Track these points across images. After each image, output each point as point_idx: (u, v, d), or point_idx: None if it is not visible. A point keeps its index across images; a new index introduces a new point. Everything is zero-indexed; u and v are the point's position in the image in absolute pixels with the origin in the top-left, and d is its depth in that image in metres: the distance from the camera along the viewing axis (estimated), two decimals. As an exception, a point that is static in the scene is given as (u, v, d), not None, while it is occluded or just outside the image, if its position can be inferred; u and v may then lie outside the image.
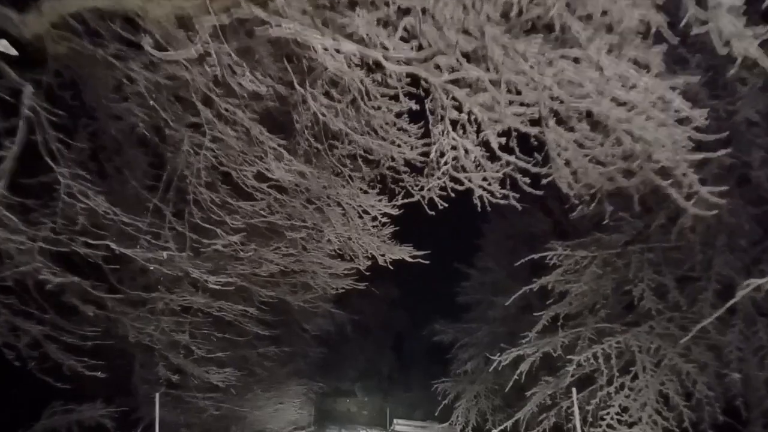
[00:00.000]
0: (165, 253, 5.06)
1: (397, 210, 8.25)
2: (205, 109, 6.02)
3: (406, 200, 8.28)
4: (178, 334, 9.16)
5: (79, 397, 8.41)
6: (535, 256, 9.76)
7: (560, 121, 5.33)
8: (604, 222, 7.21)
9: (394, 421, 30.55)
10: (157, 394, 8.68)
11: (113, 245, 4.79)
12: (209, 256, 7.47)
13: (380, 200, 8.46)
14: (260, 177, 7.36)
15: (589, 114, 4.97)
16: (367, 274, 11.20)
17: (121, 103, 6.86)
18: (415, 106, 6.78)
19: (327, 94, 6.39)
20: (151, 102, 6.34)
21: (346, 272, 11.13)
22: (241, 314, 9.98)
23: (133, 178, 7.28)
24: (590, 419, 8.94)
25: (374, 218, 8.95)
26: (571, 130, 5.17)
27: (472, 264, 19.17)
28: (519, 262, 9.99)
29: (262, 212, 7.86)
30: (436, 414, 18.23)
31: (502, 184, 6.28)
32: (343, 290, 16.52)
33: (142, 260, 5.22)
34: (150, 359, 10.01)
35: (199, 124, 6.43)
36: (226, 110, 6.04)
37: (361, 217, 8.88)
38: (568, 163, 5.53)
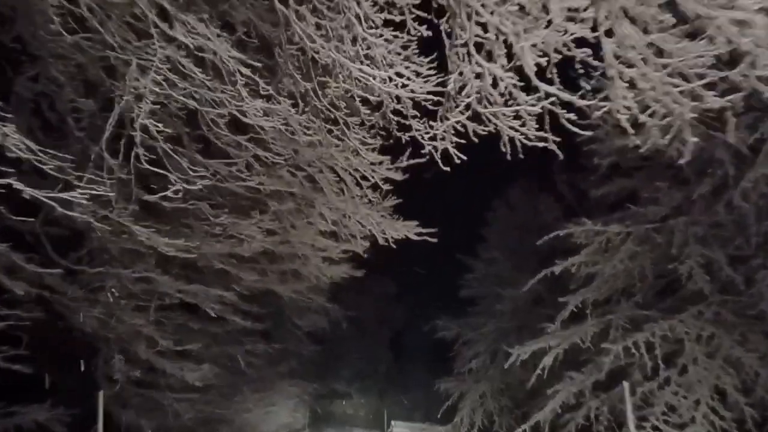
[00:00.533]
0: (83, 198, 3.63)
1: (401, 175, 6.87)
2: (162, 23, 4.60)
3: (412, 161, 6.89)
4: (142, 322, 7.70)
5: (23, 398, 6.96)
6: (561, 233, 8.34)
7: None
8: (680, 160, 5.64)
9: (392, 423, 29.11)
10: (100, 393, 7.21)
11: (20, 185, 3.40)
12: (164, 215, 6.05)
13: (380, 163, 7.06)
14: (235, 127, 5.95)
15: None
16: (365, 257, 9.83)
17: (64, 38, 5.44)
18: (426, 33, 5.39)
19: (315, 11, 4.98)
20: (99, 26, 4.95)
21: (341, 256, 9.72)
22: (220, 302, 8.54)
23: (79, 129, 5.86)
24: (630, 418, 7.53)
25: (374, 186, 7.55)
26: (645, 31, 3.77)
27: (476, 255, 17.75)
28: (541, 240, 8.63)
29: (239, 174, 6.44)
30: (438, 416, 16.82)
31: (539, 122, 4.86)
32: (338, 283, 15.27)
33: (63, 209, 3.82)
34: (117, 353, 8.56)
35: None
36: (186, 26, 4.62)
37: (359, 184, 7.48)
38: (632, 84, 4.14)
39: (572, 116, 4.60)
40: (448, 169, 5.53)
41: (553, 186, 16.17)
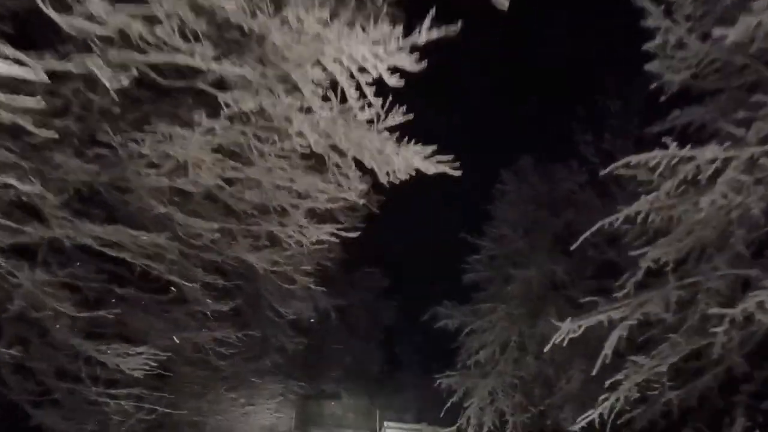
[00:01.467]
0: None
1: (424, 39, 4.45)
2: None
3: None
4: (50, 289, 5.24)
5: None
6: (632, 159, 5.88)
7: None
8: None
9: (384, 424, 26.65)
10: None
11: None
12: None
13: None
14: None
15: None
16: (361, 202, 7.39)
17: None
18: None
19: None
20: None
21: (331, 204, 7.29)
22: (161, 264, 6.06)
23: None
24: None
25: (375, 82, 5.13)
26: None
27: (482, 234, 15.35)
28: (608, 169, 6.14)
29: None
30: (441, 415, 14.41)
31: None
32: (325, 273, 13.01)
33: None
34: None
35: None
36: None
37: (352, 77, 5.05)
38: None
39: None
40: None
41: (571, 152, 13.90)
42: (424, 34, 4.49)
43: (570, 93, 19.27)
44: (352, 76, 4.98)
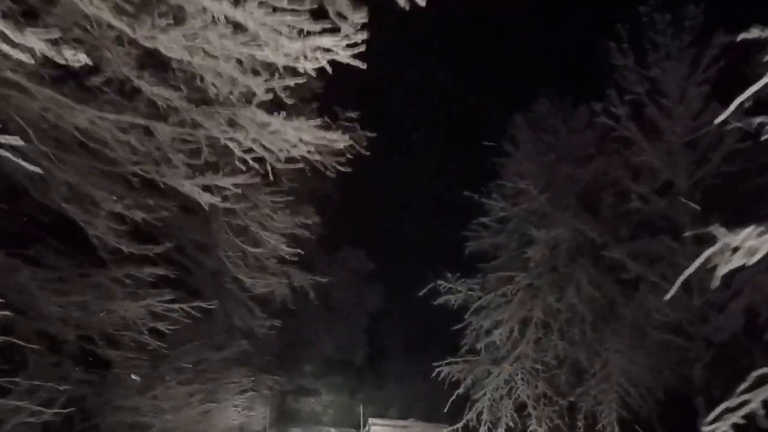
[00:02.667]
0: None
1: None
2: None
3: None
4: None
5: None
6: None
7: None
8: None
9: (369, 420, 23.88)
10: None
11: None
12: None
13: None
14: None
15: None
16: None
17: None
18: None
19: None
20: None
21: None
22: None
23: None
24: None
25: None
26: None
27: (488, 194, 12.59)
28: None
29: None
30: (445, 410, 11.68)
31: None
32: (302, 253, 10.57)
33: None
34: None
35: None
36: None
37: None
38: None
39: None
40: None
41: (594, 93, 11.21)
42: None
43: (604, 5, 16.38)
44: None
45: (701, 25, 9.66)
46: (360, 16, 3.63)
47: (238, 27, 3.89)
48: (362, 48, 3.94)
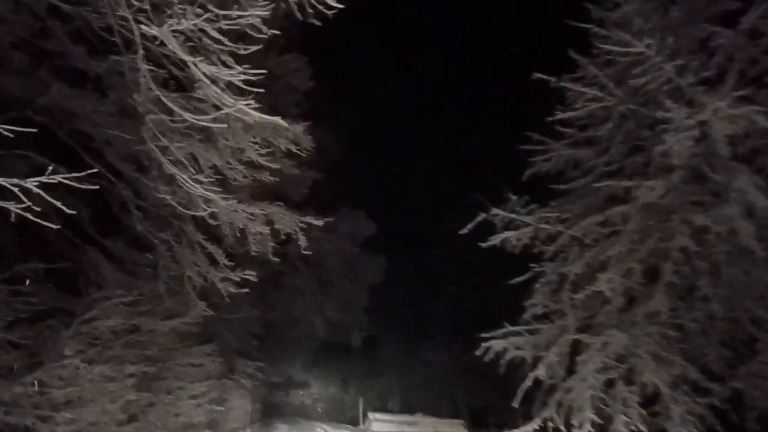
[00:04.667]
0: None
1: None
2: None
3: None
4: None
5: None
6: None
7: None
8: None
9: (369, 415, 19.73)
10: None
11: None
12: None
13: None
14: None
15: None
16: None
17: None
18: None
19: None
20: None
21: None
22: None
23: None
24: None
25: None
26: None
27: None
28: None
29: None
30: (516, 404, 7.42)
31: None
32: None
33: None
34: None
35: None
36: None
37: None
38: None
39: None
40: None
41: None
42: None
43: None
44: None
45: None
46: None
47: None
48: None
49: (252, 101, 5.16)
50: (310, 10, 5.67)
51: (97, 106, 6.60)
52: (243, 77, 5.01)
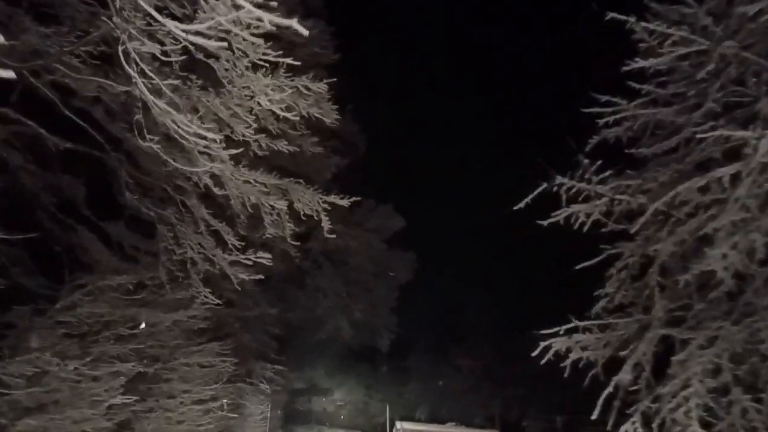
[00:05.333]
0: None
1: None
2: None
3: None
4: None
5: None
6: None
7: None
8: None
9: (397, 424, 18.25)
10: None
11: None
12: None
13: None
14: None
15: None
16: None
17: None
18: None
19: None
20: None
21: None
22: None
23: None
24: None
25: None
26: None
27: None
28: None
29: None
30: (594, 415, 5.98)
31: None
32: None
33: None
34: None
35: None
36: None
37: None
38: None
39: None
40: None
41: None
42: None
43: None
44: None
45: None
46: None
47: None
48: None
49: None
50: None
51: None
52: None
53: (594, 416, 5.62)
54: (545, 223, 6.77)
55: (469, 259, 20.02)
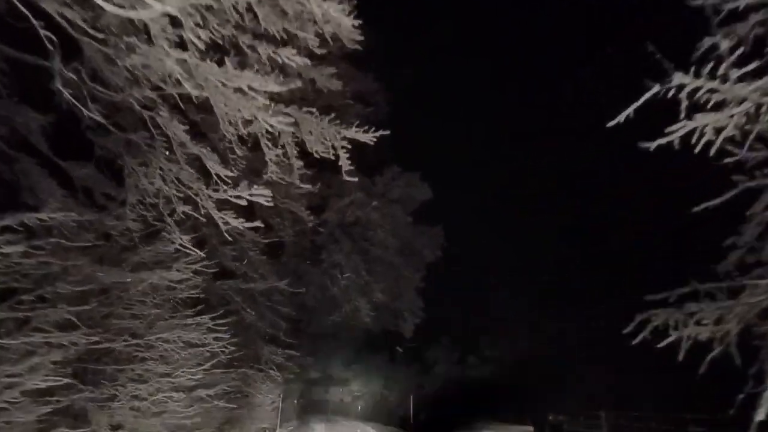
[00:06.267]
0: None
1: None
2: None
3: None
4: None
5: None
6: None
7: None
8: None
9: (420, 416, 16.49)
10: None
11: None
12: None
13: None
14: None
15: None
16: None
17: None
18: None
19: None
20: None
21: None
22: None
23: None
24: None
25: None
26: None
27: None
28: None
29: None
30: (732, 409, 4.07)
31: None
32: None
33: None
34: None
35: None
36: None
37: None
38: None
39: None
40: None
41: None
42: None
43: None
44: None
45: None
46: None
47: None
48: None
49: None
50: None
51: None
52: None
53: (761, 417, 3.66)
54: (652, 146, 4.77)
55: (503, 236, 17.99)
